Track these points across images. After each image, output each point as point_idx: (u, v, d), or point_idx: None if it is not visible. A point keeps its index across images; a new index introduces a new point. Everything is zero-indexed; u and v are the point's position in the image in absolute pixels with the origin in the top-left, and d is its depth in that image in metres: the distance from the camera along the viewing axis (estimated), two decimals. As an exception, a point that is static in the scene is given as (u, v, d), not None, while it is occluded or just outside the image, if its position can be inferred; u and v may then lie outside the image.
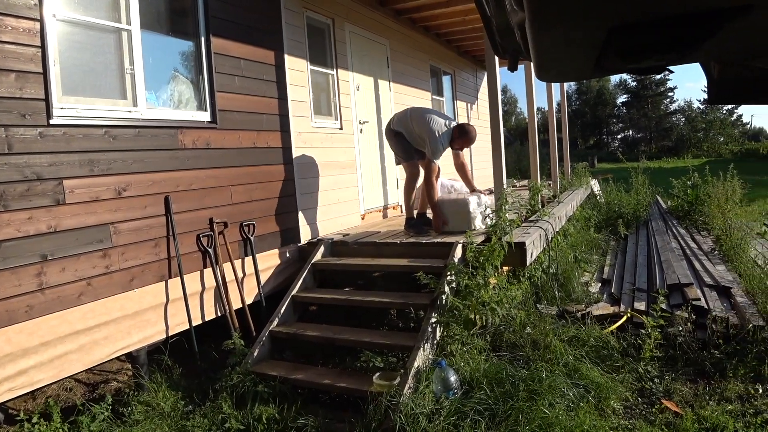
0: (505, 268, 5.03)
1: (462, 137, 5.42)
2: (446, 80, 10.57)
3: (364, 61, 7.10)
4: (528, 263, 4.63)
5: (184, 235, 4.21)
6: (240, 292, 4.59)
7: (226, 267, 4.50)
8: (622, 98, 60.41)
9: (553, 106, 10.00)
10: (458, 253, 4.46)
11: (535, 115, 8.17)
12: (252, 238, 4.76)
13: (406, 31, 8.31)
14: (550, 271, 5.45)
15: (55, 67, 3.43)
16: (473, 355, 3.81)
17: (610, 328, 4.45)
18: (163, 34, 4.38)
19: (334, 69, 6.41)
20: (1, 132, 3.14)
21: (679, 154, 43.90)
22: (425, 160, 5.44)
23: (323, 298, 4.71)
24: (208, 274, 4.39)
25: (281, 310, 4.47)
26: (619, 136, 62.40)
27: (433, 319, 3.85)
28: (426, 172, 5.40)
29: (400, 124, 5.55)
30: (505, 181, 5.43)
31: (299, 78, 5.62)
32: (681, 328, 4.27)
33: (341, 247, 5.25)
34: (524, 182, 9.84)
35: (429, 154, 5.32)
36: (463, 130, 5.43)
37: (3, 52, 3.14)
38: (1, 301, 3.11)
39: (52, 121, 3.37)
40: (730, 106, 51.08)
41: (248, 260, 4.76)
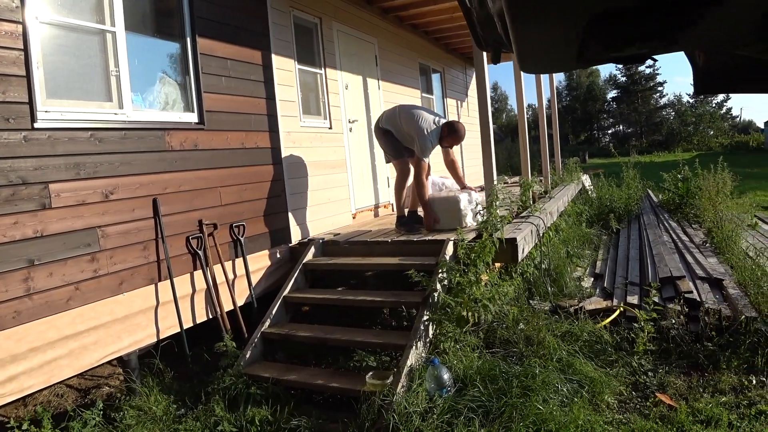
0: (497, 265, 5.02)
1: (451, 135, 5.42)
2: (436, 78, 10.56)
3: (352, 60, 7.07)
4: (519, 259, 4.63)
5: (174, 238, 4.18)
6: (231, 294, 4.56)
7: (217, 269, 4.47)
8: (612, 93, 60.74)
9: (543, 102, 10.01)
10: (449, 250, 4.44)
11: (525, 112, 8.17)
12: (242, 240, 4.73)
13: (394, 29, 8.29)
14: (543, 266, 5.45)
15: (38, 70, 3.39)
16: (466, 353, 3.80)
17: (603, 323, 4.45)
18: (149, 36, 4.34)
19: (323, 68, 6.38)
20: (-16, 136, 3.10)
21: (670, 148, 44.15)
22: (415, 158, 5.42)
23: (315, 299, 4.69)
24: (198, 277, 4.35)
25: (273, 311, 4.45)
26: (610, 131, 62.70)
27: (425, 317, 3.84)
28: (416, 170, 5.39)
29: (389, 122, 5.53)
30: (496, 177, 5.42)
31: (287, 78, 5.59)
32: (674, 321, 4.27)
33: (332, 247, 5.23)
34: (515, 179, 9.84)
35: (418, 152, 5.30)
36: (452, 128, 5.42)
37: (-16, 56, 3.10)
38: (-13, 308, 3.06)
39: (36, 125, 3.33)
40: (719, 99, 51.44)
41: (239, 262, 4.73)
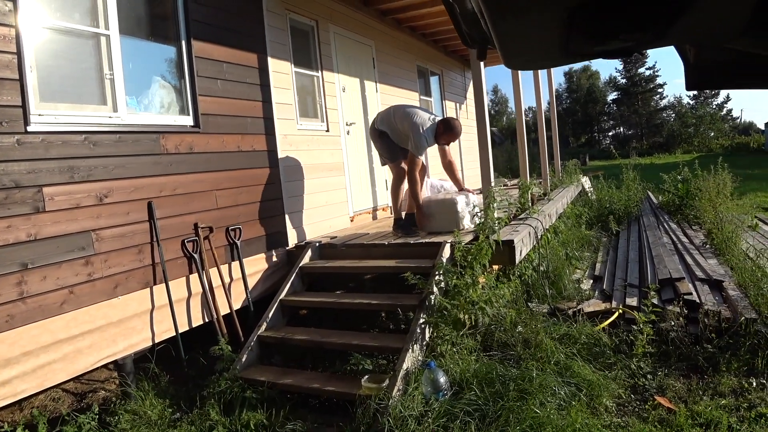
0: (495, 267, 4.99)
1: (447, 132, 5.37)
2: (434, 80, 10.54)
3: (349, 63, 7.06)
4: (517, 261, 4.60)
5: (169, 241, 4.16)
6: (227, 298, 4.54)
7: (213, 272, 4.45)
8: (613, 95, 60.74)
9: (542, 105, 10.00)
10: (446, 252, 4.42)
11: (523, 113, 8.16)
12: (238, 243, 4.71)
13: (391, 31, 8.28)
14: (541, 268, 5.42)
15: (32, 74, 3.38)
16: (463, 356, 3.77)
17: (602, 325, 4.42)
18: (144, 39, 4.33)
19: (319, 71, 6.37)
20: (-24, 140, 3.08)
21: (670, 149, 44.10)
22: (409, 154, 5.40)
23: (312, 302, 4.67)
24: (194, 280, 4.33)
25: (269, 315, 4.42)
26: (611, 134, 62.70)
27: (422, 320, 3.81)
28: (409, 167, 5.34)
29: (384, 123, 5.51)
30: (493, 179, 5.39)
31: (283, 80, 5.58)
32: (673, 323, 4.24)
33: (329, 250, 5.21)
34: (515, 181, 9.83)
35: (412, 149, 5.26)
36: (448, 124, 5.38)
37: (-24, 59, 3.09)
38: (-21, 312, 3.04)
39: (29, 128, 3.32)
40: (719, 101, 51.47)
41: (235, 265, 4.71)
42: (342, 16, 6.88)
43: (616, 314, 4.60)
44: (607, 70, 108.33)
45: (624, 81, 57.77)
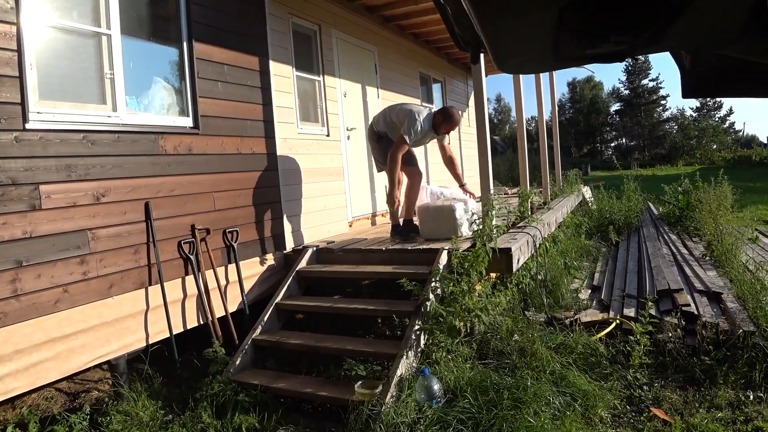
0: (493, 275, 4.97)
1: (446, 120, 5.32)
2: (436, 88, 10.56)
3: (351, 68, 7.07)
4: (514, 269, 4.58)
5: (165, 242, 4.14)
6: (223, 300, 4.52)
7: (209, 274, 4.43)
8: (616, 106, 60.83)
9: (544, 114, 10.00)
10: (444, 259, 4.40)
11: (524, 122, 8.16)
12: (235, 245, 4.70)
13: (394, 38, 8.29)
14: (539, 277, 5.40)
15: (32, 71, 3.38)
16: (458, 363, 3.75)
17: (599, 335, 4.39)
18: (145, 40, 4.33)
19: (321, 75, 6.37)
20: (-26, 136, 3.08)
21: (672, 161, 44.10)
22: (407, 166, 5.41)
23: (308, 306, 4.65)
24: (189, 282, 4.31)
25: (264, 318, 4.41)
26: (613, 144, 62.71)
27: (417, 327, 3.79)
28: (393, 148, 5.30)
29: (381, 123, 5.51)
30: (494, 188, 5.38)
31: (284, 84, 5.58)
32: (670, 335, 4.21)
33: (327, 254, 5.19)
34: (516, 190, 9.81)
35: (403, 131, 5.21)
36: (446, 113, 5.34)
37: (-24, 56, 3.09)
38: (-28, 309, 3.03)
39: (28, 126, 3.31)
40: (722, 113, 51.56)
41: (231, 267, 4.70)
42: (345, 22, 6.89)
43: (614, 324, 4.57)
44: (611, 81, 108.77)
45: (627, 92, 57.90)
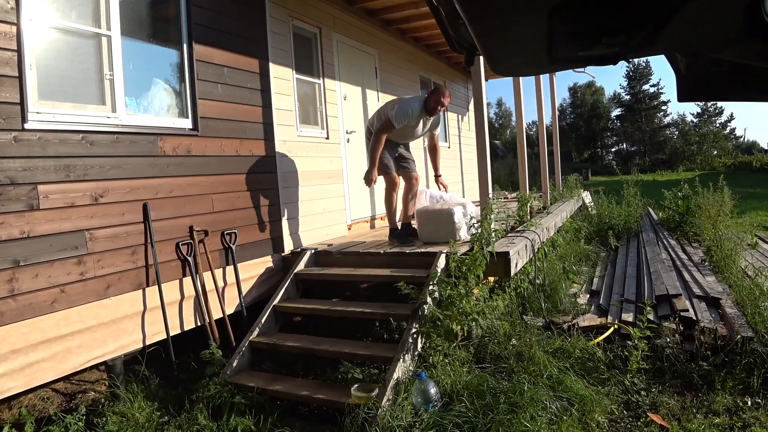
0: (491, 279, 4.97)
1: (433, 94, 5.35)
2: (437, 91, 10.56)
3: (351, 71, 7.07)
4: (512, 273, 4.57)
5: (163, 243, 4.14)
6: (220, 302, 4.52)
7: (207, 276, 4.43)
8: (616, 112, 60.92)
9: (545, 119, 10.00)
10: (441, 263, 4.40)
11: (524, 127, 8.17)
12: (233, 247, 4.69)
13: (395, 41, 8.31)
14: (537, 282, 5.39)
15: (31, 72, 3.38)
16: (455, 367, 3.74)
17: (596, 340, 4.39)
18: (145, 41, 4.34)
19: (321, 78, 6.38)
20: (-28, 136, 3.08)
21: (673, 167, 44.10)
22: (405, 171, 5.44)
23: (305, 309, 4.64)
24: (187, 283, 4.31)
25: (262, 321, 4.40)
26: (614, 149, 62.75)
27: (414, 330, 3.79)
28: (379, 126, 5.37)
29: (375, 122, 5.55)
30: (493, 192, 5.38)
31: (284, 87, 5.59)
32: (669, 340, 4.20)
33: (325, 257, 5.19)
34: (516, 194, 9.82)
35: (391, 116, 5.28)
36: (434, 87, 5.46)
37: (-25, 55, 3.10)
38: (-32, 308, 3.03)
39: (27, 126, 3.32)
40: (723, 119, 51.62)
41: (229, 269, 4.69)
42: (345, 25, 6.90)
43: (612, 329, 4.57)
44: (612, 86, 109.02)
45: (628, 97, 57.98)
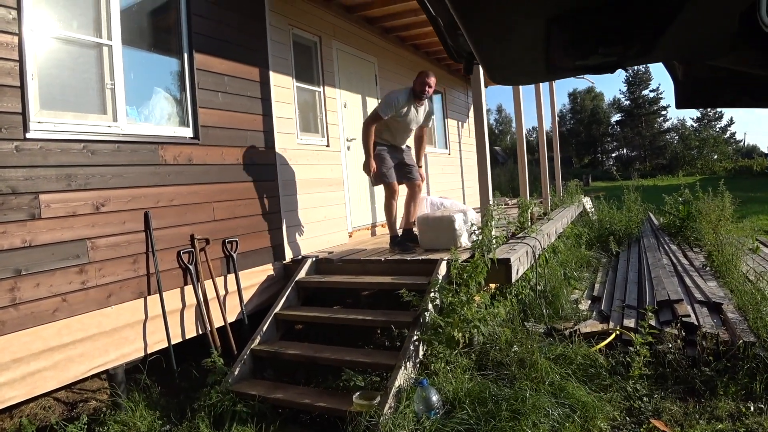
0: (492, 286, 4.97)
1: (418, 77, 5.39)
2: (437, 99, 10.59)
3: (351, 79, 7.10)
4: (513, 280, 4.57)
5: (164, 252, 4.15)
6: (222, 310, 4.52)
7: (208, 284, 4.43)
8: (616, 117, 60.98)
9: (545, 125, 10.02)
10: (443, 270, 4.40)
11: (524, 133, 8.18)
12: (235, 255, 4.70)
13: (394, 49, 8.34)
14: (538, 288, 5.39)
15: (33, 81, 3.40)
16: (457, 374, 3.73)
17: (598, 346, 4.38)
18: (146, 50, 4.36)
19: (321, 86, 6.40)
20: (-26, 146, 3.09)
21: (674, 171, 44.14)
22: (407, 180, 5.48)
23: (306, 316, 4.64)
24: (188, 292, 4.31)
25: (263, 329, 4.40)
26: (614, 155, 62.83)
27: (415, 338, 3.79)
28: (367, 119, 5.46)
29: None
30: (494, 198, 5.38)
31: (285, 95, 5.61)
32: (670, 345, 4.19)
33: (326, 265, 5.19)
34: (516, 200, 9.83)
35: (378, 108, 5.39)
36: (419, 73, 5.46)
37: (-22, 66, 3.12)
38: (-30, 318, 3.03)
39: (28, 135, 3.33)
40: (723, 124, 51.69)
41: (231, 278, 4.69)
42: (345, 33, 6.93)
43: (613, 335, 4.56)
44: (612, 92, 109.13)
45: (628, 102, 58.09)
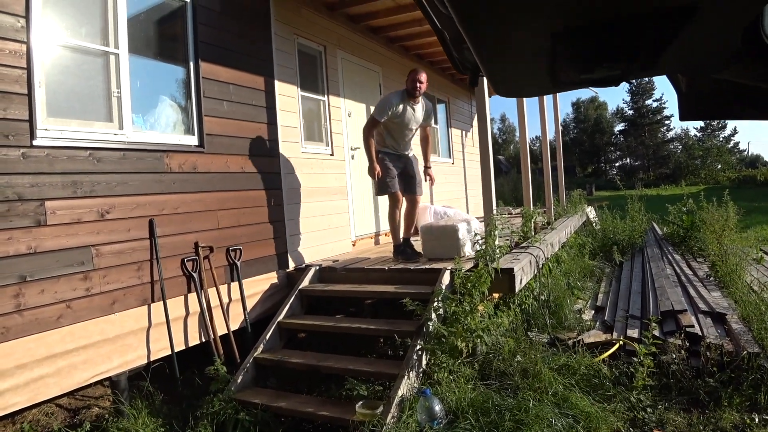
0: (496, 295, 4.96)
1: (409, 75, 5.49)
2: (441, 108, 10.62)
3: (355, 88, 7.13)
4: (517, 290, 4.56)
5: (169, 259, 4.16)
6: (225, 318, 4.52)
7: (212, 292, 4.44)
8: (620, 126, 60.97)
9: (548, 134, 10.02)
10: (446, 279, 4.40)
11: (527, 142, 8.19)
12: (238, 263, 4.71)
13: (399, 58, 8.37)
14: (542, 298, 5.38)
15: (40, 89, 3.43)
16: (460, 384, 3.72)
17: (602, 356, 4.36)
18: (152, 59, 4.39)
19: (326, 95, 6.43)
20: (-17, 152, 3.12)
21: (677, 181, 43.95)
22: (409, 194, 5.53)
23: (310, 325, 4.64)
24: (192, 299, 4.32)
25: (266, 337, 4.40)
26: (617, 164, 62.81)
27: (419, 347, 3.78)
28: (365, 126, 5.53)
29: None
30: (497, 207, 5.39)
31: (289, 104, 5.64)
32: (674, 356, 4.18)
33: (329, 273, 5.20)
34: (519, 210, 9.83)
35: (374, 113, 5.47)
36: (409, 71, 5.55)
37: (-13, 74, 3.14)
38: (-25, 324, 3.04)
39: (35, 142, 3.36)
40: (726, 133, 51.63)
41: (234, 285, 4.70)
42: (350, 42, 6.97)
43: (617, 346, 4.54)
44: (615, 101, 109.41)
45: (631, 112, 58.13)
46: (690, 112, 1.39)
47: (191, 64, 4.50)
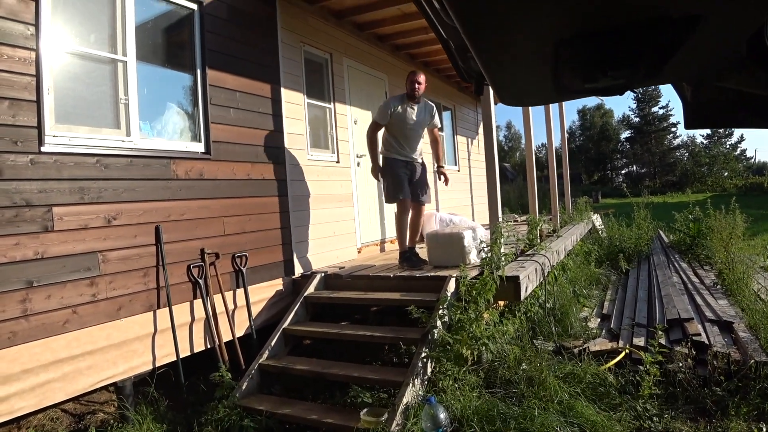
0: (501, 303, 4.95)
1: (407, 77, 5.56)
2: (446, 115, 10.64)
3: (362, 95, 7.16)
4: (522, 297, 4.55)
5: (174, 266, 4.17)
6: (230, 325, 4.53)
7: (217, 298, 4.45)
8: (626, 134, 60.84)
9: (554, 141, 10.03)
10: (451, 287, 4.39)
11: (533, 149, 8.19)
12: (244, 270, 4.72)
13: (405, 66, 8.38)
14: (547, 305, 5.36)
15: (49, 96, 3.46)
16: (465, 392, 3.71)
17: (608, 365, 4.34)
18: (160, 66, 4.43)
19: (332, 103, 6.46)
20: (-8, 158, 3.14)
21: (684, 188, 43.89)
22: (414, 202, 5.55)
23: (315, 332, 4.64)
24: (197, 306, 4.33)
25: (272, 344, 4.40)
26: (624, 172, 62.58)
27: (423, 355, 3.77)
28: (368, 129, 5.65)
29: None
30: (501, 215, 5.38)
31: (296, 111, 5.66)
32: (681, 365, 4.15)
33: (335, 281, 5.20)
34: (525, 217, 9.81)
35: (375, 117, 5.59)
36: (407, 74, 5.62)
37: (-2, 80, 3.18)
38: (-17, 328, 3.06)
39: (43, 149, 3.39)
40: (733, 141, 51.45)
41: (240, 292, 4.71)
42: (356, 50, 7.00)
43: (623, 354, 4.52)
44: (621, 109, 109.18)
45: (637, 120, 57.94)
46: (695, 120, 1.39)
47: (198, 71, 4.54)
